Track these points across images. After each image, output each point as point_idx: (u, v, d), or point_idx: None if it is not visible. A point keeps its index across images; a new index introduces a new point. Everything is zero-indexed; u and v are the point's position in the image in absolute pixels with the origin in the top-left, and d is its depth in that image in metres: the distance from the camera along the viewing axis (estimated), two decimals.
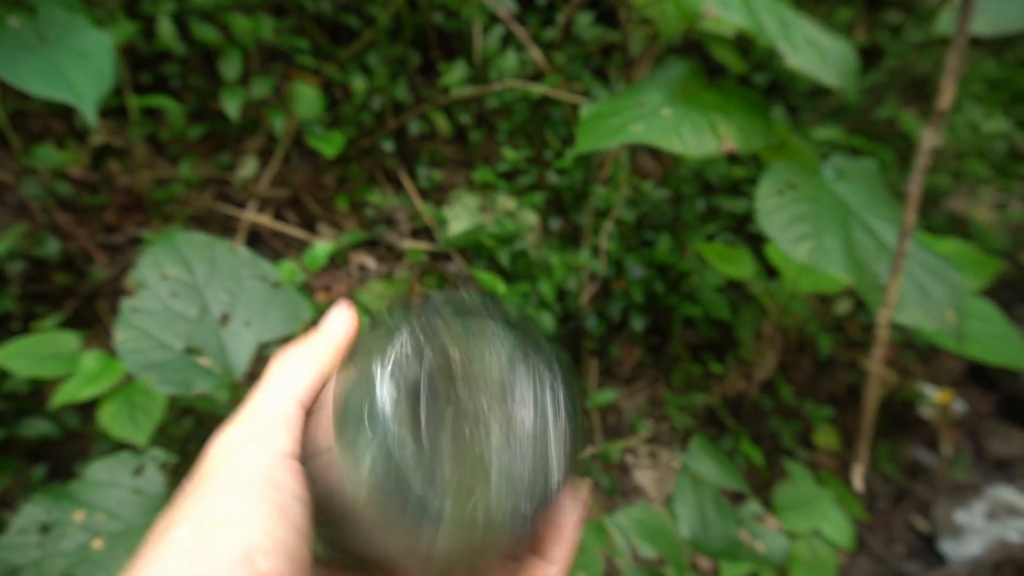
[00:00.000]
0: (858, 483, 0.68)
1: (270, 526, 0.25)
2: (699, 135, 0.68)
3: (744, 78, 1.40)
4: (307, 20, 1.26)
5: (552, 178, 1.26)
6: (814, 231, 0.68)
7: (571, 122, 1.25)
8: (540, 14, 1.36)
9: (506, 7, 1.25)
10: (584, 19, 1.33)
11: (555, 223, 1.23)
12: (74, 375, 0.78)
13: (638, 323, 1.22)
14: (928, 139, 0.55)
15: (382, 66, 1.25)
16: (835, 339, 1.32)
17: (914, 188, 0.58)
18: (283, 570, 0.24)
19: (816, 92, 1.46)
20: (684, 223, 1.30)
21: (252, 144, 1.26)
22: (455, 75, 1.24)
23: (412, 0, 1.28)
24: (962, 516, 1.30)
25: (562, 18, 1.16)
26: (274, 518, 0.25)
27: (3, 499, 0.90)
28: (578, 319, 1.21)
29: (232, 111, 1.12)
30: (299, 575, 0.25)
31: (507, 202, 1.23)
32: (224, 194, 1.23)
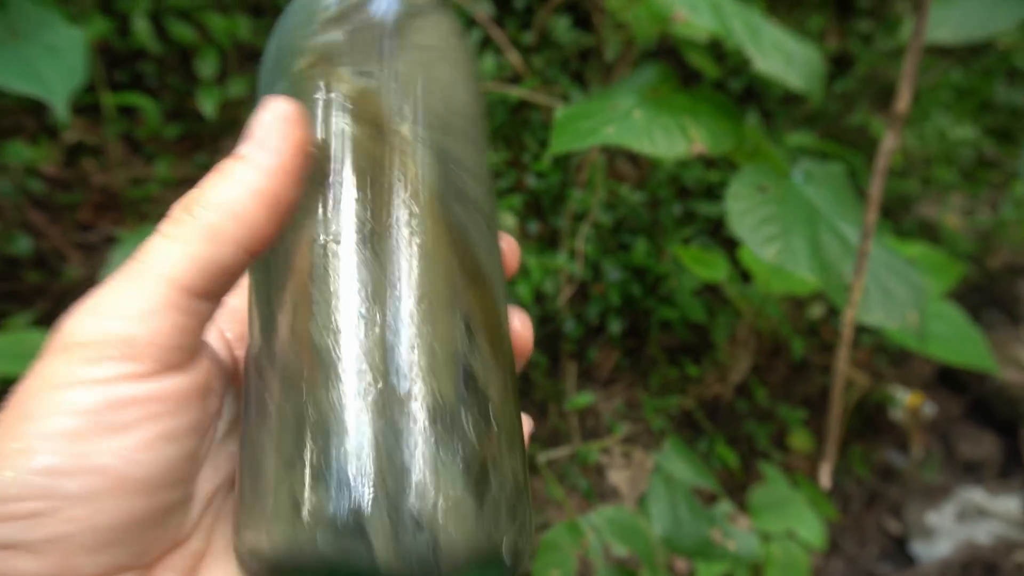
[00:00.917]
0: (825, 480, 0.69)
1: None
2: (670, 137, 0.69)
3: (719, 83, 1.42)
4: None
5: (530, 181, 1.27)
6: (782, 232, 0.69)
7: (549, 126, 1.26)
8: (518, 17, 1.36)
9: (484, 10, 1.26)
10: (561, 24, 1.34)
11: (533, 226, 1.24)
12: None
13: (616, 326, 1.23)
14: (887, 141, 0.56)
15: None
16: (809, 342, 1.34)
17: (875, 190, 0.59)
18: None
19: (790, 98, 1.48)
20: (661, 227, 1.31)
21: (229, 143, 1.26)
22: None
23: None
24: (933, 518, 1.31)
25: (538, 22, 1.17)
26: None
27: None
28: (556, 322, 1.21)
29: (208, 110, 1.12)
30: None
31: None
32: None
